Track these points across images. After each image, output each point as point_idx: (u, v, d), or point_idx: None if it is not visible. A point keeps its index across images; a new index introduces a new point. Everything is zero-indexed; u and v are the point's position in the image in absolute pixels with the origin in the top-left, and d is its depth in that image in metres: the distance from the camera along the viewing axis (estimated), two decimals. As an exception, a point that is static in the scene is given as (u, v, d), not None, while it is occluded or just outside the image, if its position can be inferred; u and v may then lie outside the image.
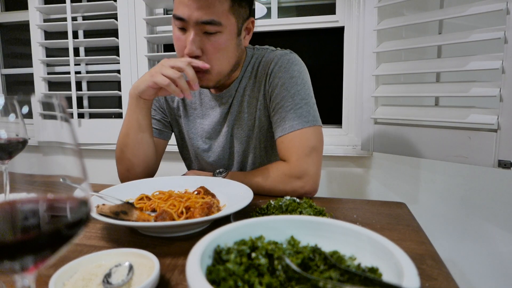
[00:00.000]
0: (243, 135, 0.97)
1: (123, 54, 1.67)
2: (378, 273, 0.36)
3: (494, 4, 1.00)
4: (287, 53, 0.93)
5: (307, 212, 0.66)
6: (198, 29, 0.77)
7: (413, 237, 0.62)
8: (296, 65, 0.90)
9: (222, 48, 0.80)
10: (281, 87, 0.88)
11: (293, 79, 0.88)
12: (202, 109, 1.00)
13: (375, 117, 1.34)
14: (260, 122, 0.94)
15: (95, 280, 0.45)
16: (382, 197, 1.53)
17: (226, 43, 0.80)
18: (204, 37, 0.78)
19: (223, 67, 0.83)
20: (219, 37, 0.79)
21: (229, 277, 0.34)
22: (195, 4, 0.74)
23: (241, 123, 0.96)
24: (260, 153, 0.99)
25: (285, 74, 0.88)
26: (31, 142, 0.44)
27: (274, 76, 0.89)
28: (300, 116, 0.86)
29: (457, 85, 1.12)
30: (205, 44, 0.79)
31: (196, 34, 0.78)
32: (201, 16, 0.75)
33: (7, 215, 0.27)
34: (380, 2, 1.28)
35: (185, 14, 0.76)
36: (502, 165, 1.03)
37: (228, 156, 1.02)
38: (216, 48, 0.79)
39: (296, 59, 0.92)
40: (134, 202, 0.74)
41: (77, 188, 0.29)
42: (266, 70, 0.91)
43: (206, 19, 0.75)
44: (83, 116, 1.79)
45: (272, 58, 0.91)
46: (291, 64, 0.89)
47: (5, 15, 1.93)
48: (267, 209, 0.69)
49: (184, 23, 0.78)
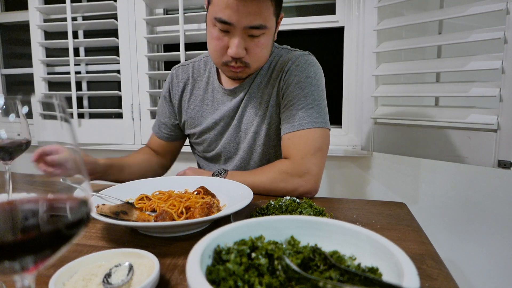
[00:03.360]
0: (251, 130, 0.97)
1: (123, 54, 1.67)
2: (378, 273, 0.36)
3: (494, 4, 1.00)
4: (305, 54, 0.95)
5: (307, 212, 0.66)
6: (244, 32, 0.79)
7: (413, 237, 0.62)
8: (313, 67, 0.91)
9: (264, 47, 0.84)
10: (295, 85, 0.89)
11: (308, 79, 0.89)
12: (214, 104, 1.01)
13: (375, 117, 1.34)
14: (271, 119, 0.95)
15: (95, 280, 0.45)
16: (382, 197, 1.53)
17: (268, 42, 0.84)
18: (249, 40, 0.81)
19: (261, 62, 0.88)
20: (263, 38, 0.82)
21: (229, 277, 0.34)
22: (245, 10, 0.75)
23: (251, 118, 0.97)
24: (269, 150, 0.99)
25: (301, 73, 0.89)
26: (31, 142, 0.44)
27: (290, 74, 0.90)
28: (310, 116, 0.87)
29: (457, 85, 1.13)
30: (249, 44, 0.82)
31: (242, 37, 0.80)
32: (250, 22, 0.77)
33: (7, 215, 0.27)
34: (380, 2, 1.28)
35: (233, 19, 0.76)
36: (502, 165, 1.03)
37: (234, 150, 1.02)
38: (259, 48, 0.83)
39: (314, 61, 0.94)
40: (134, 202, 0.74)
41: (77, 188, 0.29)
42: (282, 68, 0.93)
43: (255, 24, 0.78)
44: (83, 116, 1.79)
45: (290, 58, 0.93)
46: (308, 64, 0.91)
47: (5, 15, 1.93)
48: (267, 209, 0.69)
49: (229, 26, 0.78)
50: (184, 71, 1.05)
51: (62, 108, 0.29)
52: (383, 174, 1.53)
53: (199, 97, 1.03)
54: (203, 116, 1.02)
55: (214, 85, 1.01)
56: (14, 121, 0.32)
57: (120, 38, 1.66)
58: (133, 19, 1.64)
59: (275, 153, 1.00)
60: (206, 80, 1.02)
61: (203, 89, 1.02)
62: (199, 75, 1.03)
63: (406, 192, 1.51)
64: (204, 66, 1.04)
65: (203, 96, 1.02)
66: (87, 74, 1.78)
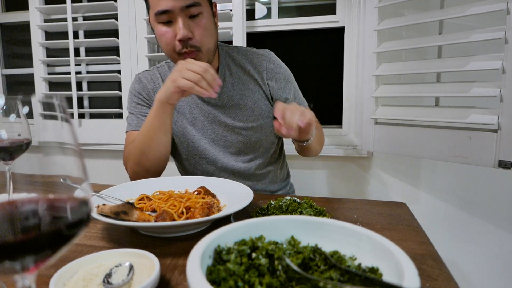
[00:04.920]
0: (243, 126, 1.02)
1: (124, 55, 1.67)
2: (379, 273, 0.36)
3: (494, 5, 1.00)
4: (267, 51, 1.07)
5: (307, 212, 0.66)
6: (183, 15, 0.85)
7: (414, 237, 0.62)
8: (281, 60, 1.07)
9: (207, 27, 0.89)
10: (284, 80, 1.04)
11: (287, 71, 1.07)
12: (188, 105, 1.03)
13: (375, 117, 1.34)
14: (261, 111, 1.03)
15: (96, 280, 0.45)
16: (382, 197, 1.53)
17: (208, 21, 0.90)
18: (190, 21, 0.87)
19: (210, 44, 0.91)
20: (202, 18, 0.88)
21: (230, 277, 0.34)
22: None
23: (238, 115, 1.02)
24: (272, 136, 1.08)
25: (281, 69, 1.04)
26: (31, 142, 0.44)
27: (274, 73, 1.03)
28: (302, 99, 1.10)
29: (457, 85, 1.12)
30: (193, 26, 0.87)
31: (184, 19, 0.85)
32: (185, 1, 0.83)
33: (7, 215, 0.27)
34: (381, 2, 1.28)
35: (169, 5, 0.83)
36: (503, 165, 1.03)
37: (217, 149, 1.04)
38: (202, 27, 0.88)
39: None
40: (134, 202, 0.74)
41: (78, 188, 0.29)
42: (258, 67, 1.02)
43: (190, 2, 0.84)
44: (84, 116, 1.79)
45: (260, 57, 1.03)
46: (278, 60, 1.06)
47: (6, 15, 1.93)
48: (267, 209, 0.69)
49: (169, 15, 0.85)
50: (151, 74, 1.08)
51: (62, 108, 0.29)
52: (384, 174, 1.53)
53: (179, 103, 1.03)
54: (179, 118, 1.03)
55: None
56: (15, 121, 0.32)
57: (120, 38, 1.66)
58: (134, 19, 1.64)
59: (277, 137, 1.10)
60: None
61: None
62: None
63: (406, 192, 1.51)
64: (168, 69, 1.07)
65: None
66: (88, 74, 1.78)
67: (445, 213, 1.46)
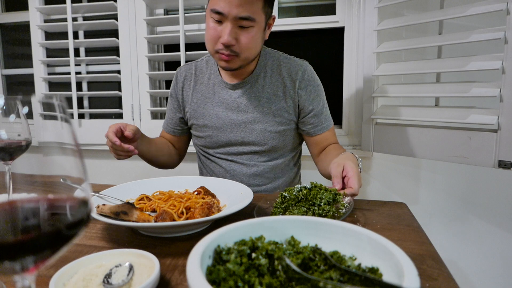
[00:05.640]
0: (259, 126, 1.05)
1: (124, 55, 1.67)
2: (379, 273, 0.36)
3: (494, 5, 1.00)
4: (305, 62, 1.08)
5: (326, 197, 0.69)
6: (235, 23, 0.89)
7: (414, 237, 0.62)
8: (316, 75, 1.09)
9: (253, 40, 0.93)
10: (315, 94, 1.06)
11: (319, 87, 1.08)
12: (215, 98, 1.08)
13: (375, 117, 1.34)
14: (282, 119, 1.06)
15: (96, 280, 0.45)
16: (382, 197, 1.53)
17: (256, 36, 0.93)
18: (238, 30, 0.90)
19: (250, 54, 0.96)
20: (251, 31, 0.91)
21: (229, 277, 0.34)
22: (236, 2, 0.86)
23: (259, 115, 1.05)
24: (280, 138, 1.08)
25: (314, 82, 1.07)
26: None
27: (307, 84, 1.05)
28: (328, 118, 1.11)
29: (457, 85, 1.12)
30: (239, 35, 0.91)
31: (233, 27, 0.89)
32: (240, 12, 0.87)
33: (7, 215, 0.27)
34: (380, 3, 1.28)
35: (225, 10, 0.87)
36: (502, 165, 1.03)
37: (237, 141, 1.08)
38: (248, 39, 0.91)
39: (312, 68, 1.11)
40: (134, 202, 0.74)
41: (78, 188, 0.29)
42: (293, 75, 1.04)
43: (244, 15, 0.87)
44: (84, 117, 1.79)
45: (297, 66, 1.05)
46: (314, 74, 1.08)
47: (6, 15, 1.93)
48: (283, 201, 0.71)
49: (222, 16, 0.88)
50: (187, 69, 1.14)
51: (62, 109, 0.29)
52: (383, 174, 1.53)
53: (201, 92, 1.10)
54: (205, 108, 1.09)
55: (215, 81, 1.08)
56: (15, 122, 0.32)
57: (120, 38, 1.66)
58: (134, 20, 1.64)
59: (272, 140, 1.08)
60: (208, 76, 1.10)
61: (205, 85, 1.10)
62: (202, 73, 1.12)
63: (406, 192, 1.50)
64: (206, 64, 1.12)
65: (205, 90, 1.09)
66: (88, 74, 1.78)
67: (445, 213, 1.46)
